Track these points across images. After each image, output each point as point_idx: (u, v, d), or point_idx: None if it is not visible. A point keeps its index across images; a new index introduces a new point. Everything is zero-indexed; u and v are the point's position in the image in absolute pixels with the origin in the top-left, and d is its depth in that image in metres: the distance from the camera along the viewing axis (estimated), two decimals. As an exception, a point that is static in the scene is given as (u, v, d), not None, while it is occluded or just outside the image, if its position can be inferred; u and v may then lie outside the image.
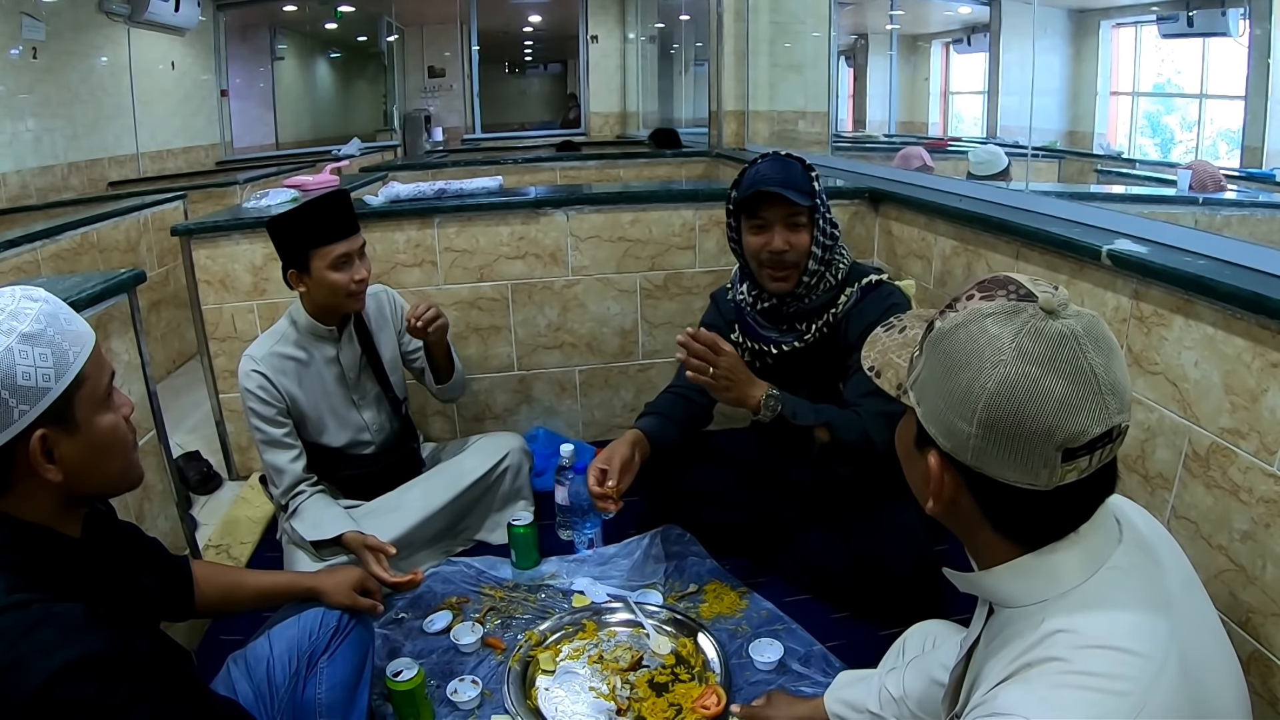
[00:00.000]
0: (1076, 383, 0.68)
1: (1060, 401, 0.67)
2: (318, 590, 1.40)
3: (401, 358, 2.12)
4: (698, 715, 1.47)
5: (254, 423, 1.88)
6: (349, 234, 1.84)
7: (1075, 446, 0.68)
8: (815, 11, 3.96)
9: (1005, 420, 0.69)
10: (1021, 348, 0.68)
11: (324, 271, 1.82)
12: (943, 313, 0.76)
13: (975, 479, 0.74)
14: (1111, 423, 0.69)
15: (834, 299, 1.78)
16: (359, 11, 7.66)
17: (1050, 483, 0.70)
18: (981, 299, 0.73)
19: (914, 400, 0.78)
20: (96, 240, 3.20)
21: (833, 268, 1.77)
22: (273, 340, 1.92)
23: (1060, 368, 0.68)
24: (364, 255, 1.89)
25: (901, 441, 0.84)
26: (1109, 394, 0.68)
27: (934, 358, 0.75)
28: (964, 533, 0.80)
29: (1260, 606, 1.29)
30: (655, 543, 2.03)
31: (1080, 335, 0.69)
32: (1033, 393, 0.68)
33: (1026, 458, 0.69)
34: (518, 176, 4.47)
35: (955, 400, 0.72)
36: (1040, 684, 0.69)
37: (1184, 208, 2.25)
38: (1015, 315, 0.70)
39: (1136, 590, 0.74)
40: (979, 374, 0.70)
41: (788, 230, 1.70)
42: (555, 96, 8.98)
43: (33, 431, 0.86)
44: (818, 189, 1.72)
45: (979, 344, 0.70)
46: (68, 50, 4.51)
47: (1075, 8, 3.52)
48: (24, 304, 0.88)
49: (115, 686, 0.81)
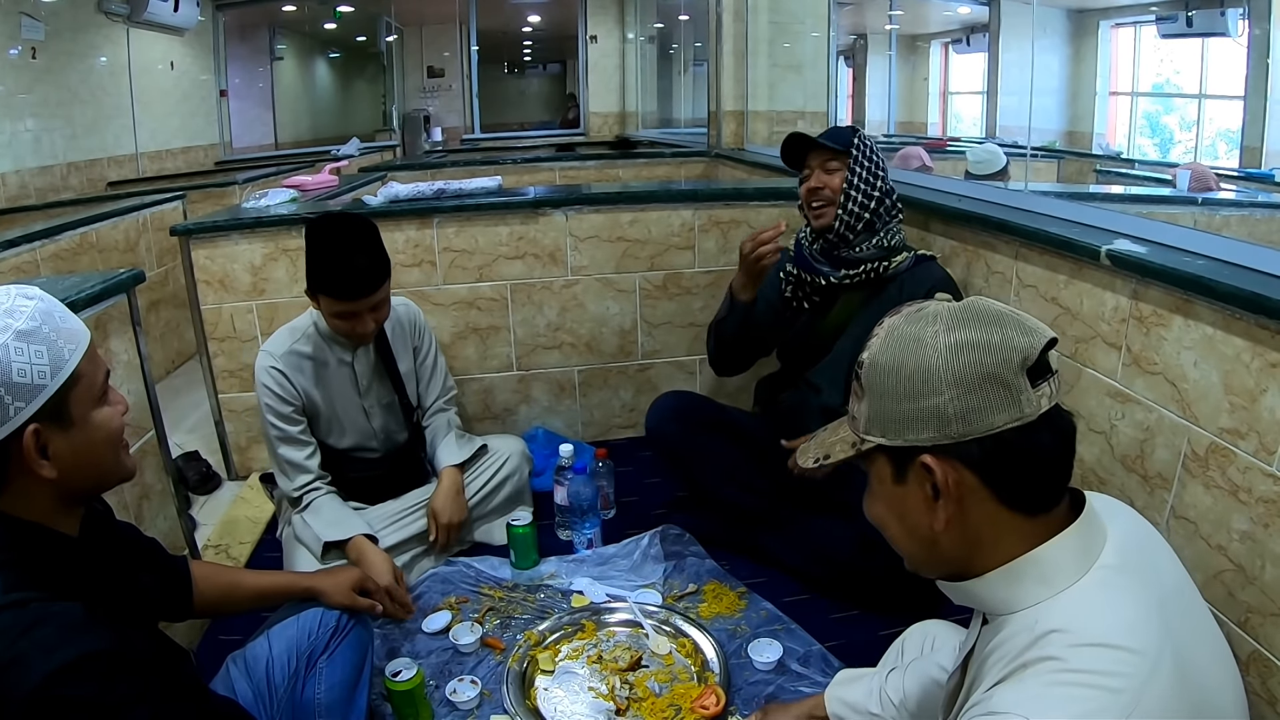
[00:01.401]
0: (1001, 321, 0.77)
1: (1001, 336, 0.76)
2: (317, 590, 1.40)
3: (415, 374, 2.11)
4: (697, 715, 1.47)
5: (269, 418, 1.87)
6: (359, 296, 1.75)
7: (1033, 364, 0.75)
8: (814, 11, 3.96)
9: (969, 368, 0.75)
10: (946, 321, 0.78)
11: (329, 315, 1.81)
12: (860, 357, 0.83)
13: (971, 451, 0.76)
14: (1046, 335, 0.77)
15: (886, 255, 1.92)
16: (358, 11, 7.66)
17: (1033, 410, 0.75)
18: (888, 320, 0.83)
19: (878, 435, 0.80)
20: (95, 240, 3.19)
21: (886, 229, 1.93)
22: (292, 338, 1.91)
23: (981, 317, 0.77)
24: (379, 307, 1.81)
25: (877, 501, 0.85)
26: (1025, 320, 0.78)
27: (875, 381, 0.80)
28: (972, 538, 0.79)
29: (1259, 606, 1.29)
30: (654, 543, 2.03)
31: (977, 298, 0.81)
32: (977, 340, 0.76)
33: (1003, 389, 0.75)
34: (517, 176, 4.47)
35: (918, 387, 0.77)
36: (1035, 683, 0.70)
37: (1183, 208, 2.24)
38: (921, 309, 0.81)
39: (1128, 587, 0.74)
40: (924, 353, 0.77)
41: (824, 173, 1.93)
42: (554, 97, 8.99)
43: (25, 428, 0.86)
44: (860, 145, 1.90)
45: (910, 340, 0.78)
46: (67, 50, 4.51)
47: (1074, 8, 3.52)
48: (19, 302, 0.88)
49: (114, 685, 0.81)
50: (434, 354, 2.13)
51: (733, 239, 2.62)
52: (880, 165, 1.93)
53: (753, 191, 2.67)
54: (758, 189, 2.70)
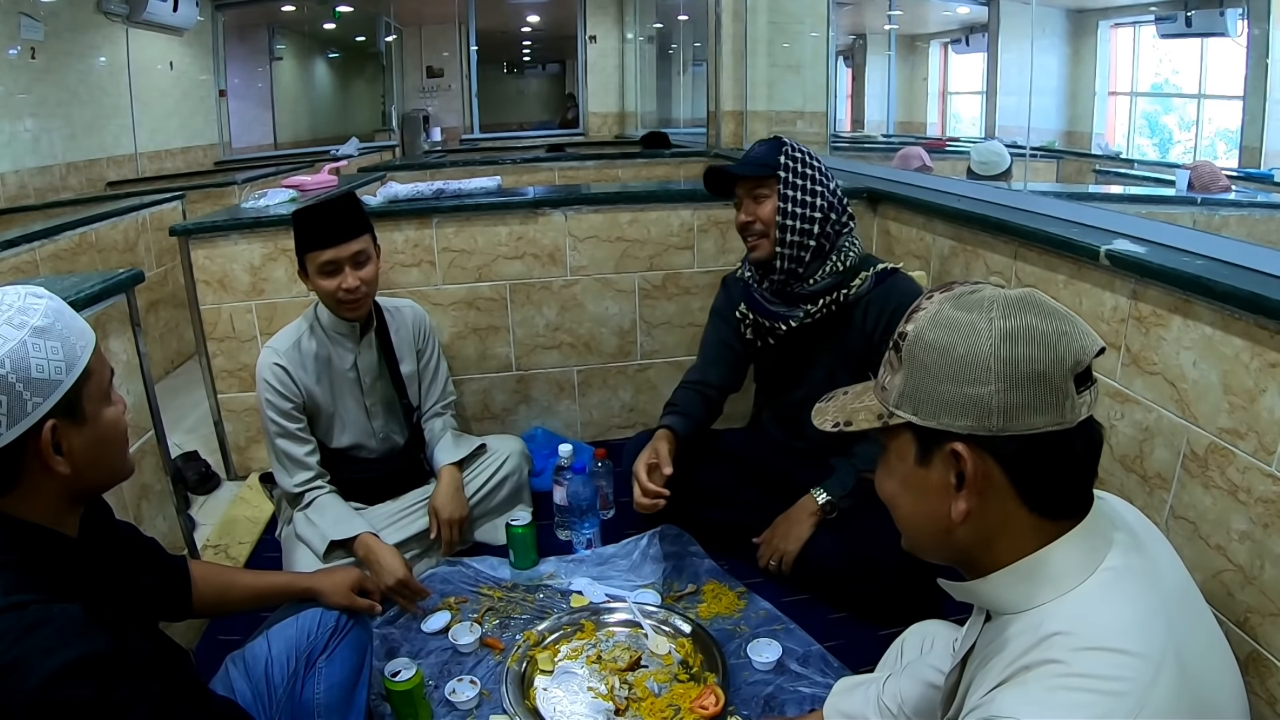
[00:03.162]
0: (1056, 316, 0.75)
1: (1056, 332, 0.73)
2: (316, 590, 1.40)
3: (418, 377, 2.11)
4: (696, 715, 1.47)
5: (269, 414, 1.88)
6: (338, 241, 1.79)
7: (1082, 370, 0.73)
8: (813, 11, 3.96)
9: (1021, 363, 0.73)
10: (1002, 308, 0.75)
11: (315, 277, 1.82)
12: (902, 328, 0.80)
13: (1004, 448, 0.74)
14: (1098, 342, 0.75)
15: (843, 282, 1.81)
16: (357, 11, 7.66)
17: (1074, 417, 0.73)
18: (939, 295, 0.80)
19: (909, 411, 0.78)
20: (95, 240, 3.19)
21: (837, 249, 1.82)
22: (296, 334, 1.92)
23: (1039, 309, 0.75)
24: (361, 263, 1.83)
25: (892, 476, 0.83)
26: (1079, 321, 0.76)
27: (918, 357, 0.77)
28: (985, 533, 0.78)
29: (1259, 606, 1.29)
30: (653, 543, 2.03)
31: (1034, 290, 0.78)
32: (1031, 333, 0.73)
33: (1050, 392, 0.73)
34: (516, 176, 4.47)
35: (964, 373, 0.74)
36: (1038, 686, 0.69)
37: (1182, 208, 2.25)
38: (977, 291, 0.78)
39: (1132, 591, 0.74)
40: (976, 339, 0.74)
41: (752, 202, 1.81)
42: (554, 97, 8.99)
43: (45, 424, 0.87)
44: (789, 163, 1.78)
45: (961, 322, 0.76)
46: (66, 50, 4.51)
47: (1073, 8, 3.52)
48: (30, 300, 0.90)
49: (114, 687, 0.81)
50: (437, 358, 2.14)
51: (732, 239, 2.62)
52: (817, 178, 1.79)
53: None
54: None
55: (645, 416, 2.71)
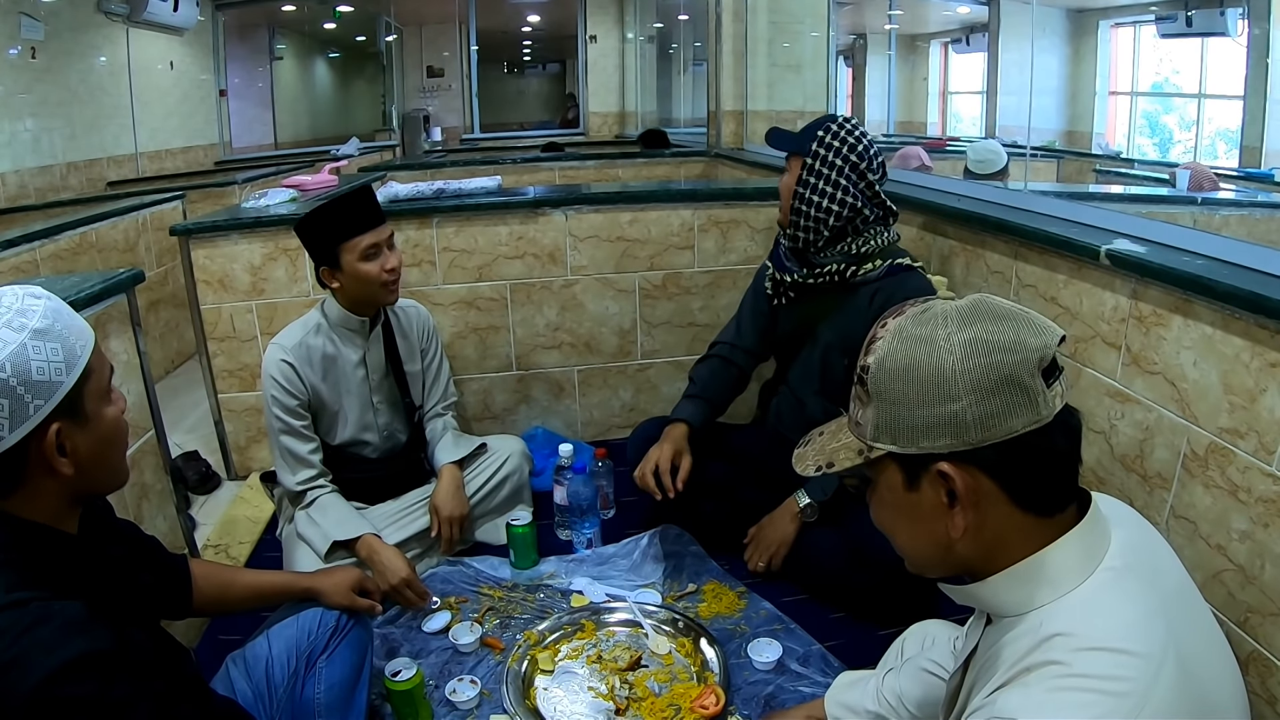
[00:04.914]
0: (1010, 317, 0.75)
1: (1013, 333, 0.74)
2: (316, 590, 1.40)
3: (422, 376, 2.12)
4: (696, 715, 1.47)
5: (274, 411, 1.88)
6: (375, 224, 1.84)
7: (1048, 364, 0.74)
8: (814, 11, 3.96)
9: (987, 372, 0.73)
10: (956, 321, 0.75)
11: (355, 264, 1.83)
12: (863, 360, 0.80)
13: (988, 457, 0.74)
14: (1057, 333, 0.75)
15: (854, 262, 1.85)
16: (357, 11, 7.65)
17: (1049, 411, 0.73)
18: (892, 321, 0.79)
19: (888, 442, 0.78)
20: (95, 240, 3.19)
21: (860, 238, 1.84)
22: (303, 331, 1.92)
23: (992, 314, 0.75)
24: (393, 245, 1.89)
25: (885, 507, 0.82)
26: (1034, 317, 0.76)
27: (884, 387, 0.77)
28: (987, 543, 0.78)
29: (1259, 606, 1.29)
30: (654, 542, 2.03)
31: (983, 295, 0.78)
32: (991, 340, 0.74)
33: (1021, 393, 0.73)
34: (516, 176, 4.47)
35: (932, 393, 0.74)
36: (1039, 687, 0.69)
37: (1182, 207, 2.25)
38: (927, 308, 0.78)
39: (1132, 591, 0.74)
40: (938, 357, 0.74)
41: (787, 173, 1.90)
42: (554, 96, 8.99)
43: (48, 426, 0.87)
44: (818, 150, 1.81)
45: (919, 343, 0.76)
46: (66, 50, 4.51)
47: (1074, 7, 3.52)
48: (29, 301, 0.89)
49: (115, 685, 0.81)
50: (440, 358, 2.14)
51: (732, 239, 2.62)
52: (846, 172, 1.79)
53: (752, 191, 2.67)
54: (757, 189, 2.69)
55: (645, 416, 2.69)
